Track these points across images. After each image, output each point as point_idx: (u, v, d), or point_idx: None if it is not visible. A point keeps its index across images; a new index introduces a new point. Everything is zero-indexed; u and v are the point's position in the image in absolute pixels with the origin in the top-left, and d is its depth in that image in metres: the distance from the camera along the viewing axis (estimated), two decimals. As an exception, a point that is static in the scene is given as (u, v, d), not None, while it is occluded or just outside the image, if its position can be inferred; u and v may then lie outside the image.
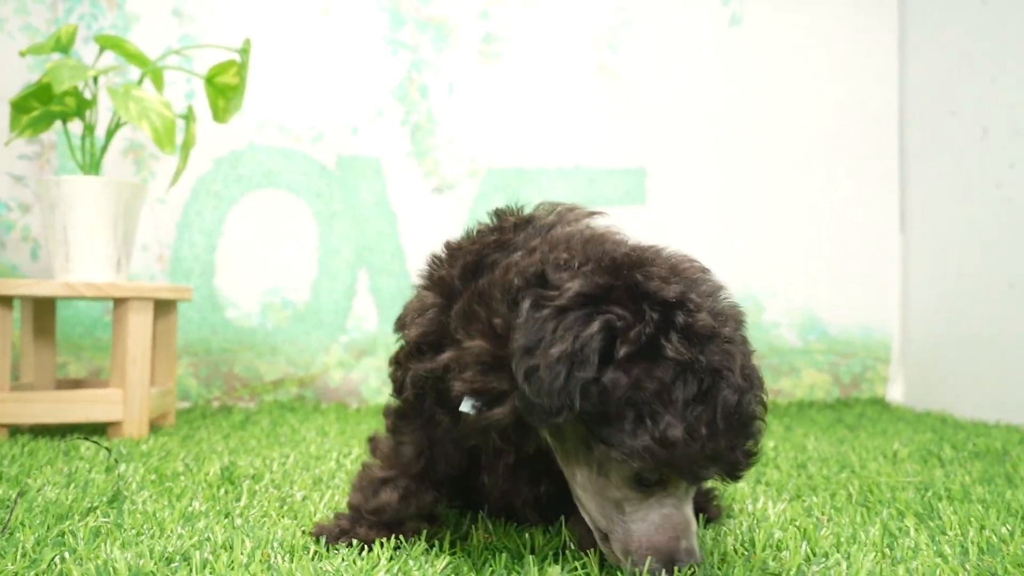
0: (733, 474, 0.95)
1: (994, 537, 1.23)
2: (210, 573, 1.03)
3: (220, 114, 2.42)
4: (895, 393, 3.25)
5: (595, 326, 0.89)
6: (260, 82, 2.93)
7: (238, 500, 1.45)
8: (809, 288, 3.20)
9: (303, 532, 1.23)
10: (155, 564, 1.05)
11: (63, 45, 2.35)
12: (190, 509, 1.37)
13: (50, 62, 2.33)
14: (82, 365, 2.81)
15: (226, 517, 1.33)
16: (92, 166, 2.38)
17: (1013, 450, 2.06)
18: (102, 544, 1.14)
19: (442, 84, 3.07)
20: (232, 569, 1.04)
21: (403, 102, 3.05)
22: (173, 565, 1.06)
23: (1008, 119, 2.76)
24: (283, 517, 1.34)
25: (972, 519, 1.34)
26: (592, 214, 1.15)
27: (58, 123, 2.38)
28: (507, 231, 1.11)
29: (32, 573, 1.02)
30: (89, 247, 2.29)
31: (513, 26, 3.10)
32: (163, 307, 2.47)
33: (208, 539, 1.17)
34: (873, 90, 3.24)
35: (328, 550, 1.14)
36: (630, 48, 3.15)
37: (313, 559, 1.10)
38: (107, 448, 1.86)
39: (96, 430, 2.28)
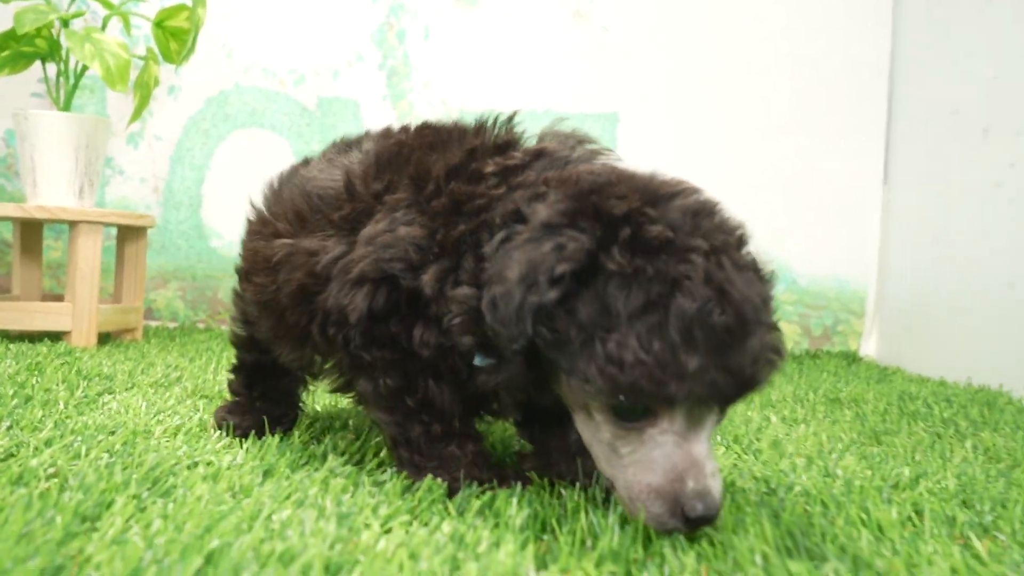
0: (721, 398, 0.85)
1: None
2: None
3: (172, 56, 2.63)
4: (868, 348, 3.19)
5: (546, 248, 0.85)
6: (246, 27, 3.13)
7: (72, 393, 1.65)
8: (779, 238, 3.16)
9: (56, 420, 1.42)
10: None
11: (42, -9, 2.60)
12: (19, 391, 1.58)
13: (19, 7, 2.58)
14: (82, 284, 3.12)
15: (27, 401, 1.54)
16: (65, 103, 2.63)
17: (909, 405, 2.05)
18: None
19: (419, 29, 3.19)
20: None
21: (381, 47, 3.19)
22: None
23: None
24: (71, 407, 1.54)
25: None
26: (603, 152, 1.09)
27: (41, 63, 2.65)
28: (513, 170, 1.01)
29: None
30: (53, 175, 2.56)
31: (490, -28, 3.18)
32: (131, 233, 2.72)
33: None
34: (864, 39, 3.15)
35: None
36: (606, -7, 3.17)
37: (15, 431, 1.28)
38: None
39: (53, 338, 2.56)
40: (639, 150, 3.16)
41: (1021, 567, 0.87)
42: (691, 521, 0.85)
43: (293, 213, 1.16)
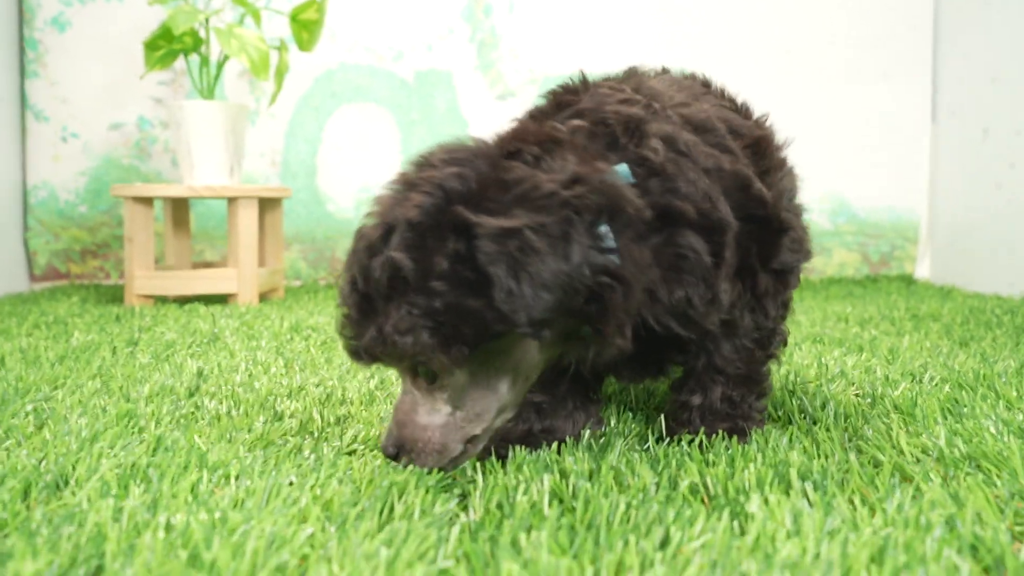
0: (367, 356, 0.95)
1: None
2: (248, 377, 1.60)
3: (304, 44, 2.96)
4: (923, 270, 3.55)
5: None
6: (348, 10, 3.45)
7: (291, 342, 2.03)
8: (839, 176, 3.51)
9: (326, 361, 1.79)
10: (217, 371, 1.63)
11: (181, -7, 2.92)
12: (257, 345, 1.95)
13: (171, 8, 2.90)
14: (216, 251, 3.48)
15: (278, 350, 1.91)
16: (208, 91, 2.97)
17: (960, 315, 2.41)
18: (187, 361, 1.74)
19: (504, 3, 3.50)
20: (264, 375, 1.61)
21: (470, 21, 3.50)
22: (226, 373, 1.64)
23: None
24: (318, 350, 1.91)
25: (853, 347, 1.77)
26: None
27: (183, 56, 2.98)
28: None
29: (142, 374, 1.62)
30: (208, 157, 2.90)
31: (565, -53, 3.48)
32: (269, 204, 3.08)
33: (258, 360, 1.75)
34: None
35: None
36: (674, -39, 3.48)
37: (320, 370, 1.65)
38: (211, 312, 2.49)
39: (219, 300, 2.93)
40: (708, 103, 3.48)
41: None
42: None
43: None
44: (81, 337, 2.04)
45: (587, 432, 1.17)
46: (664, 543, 0.81)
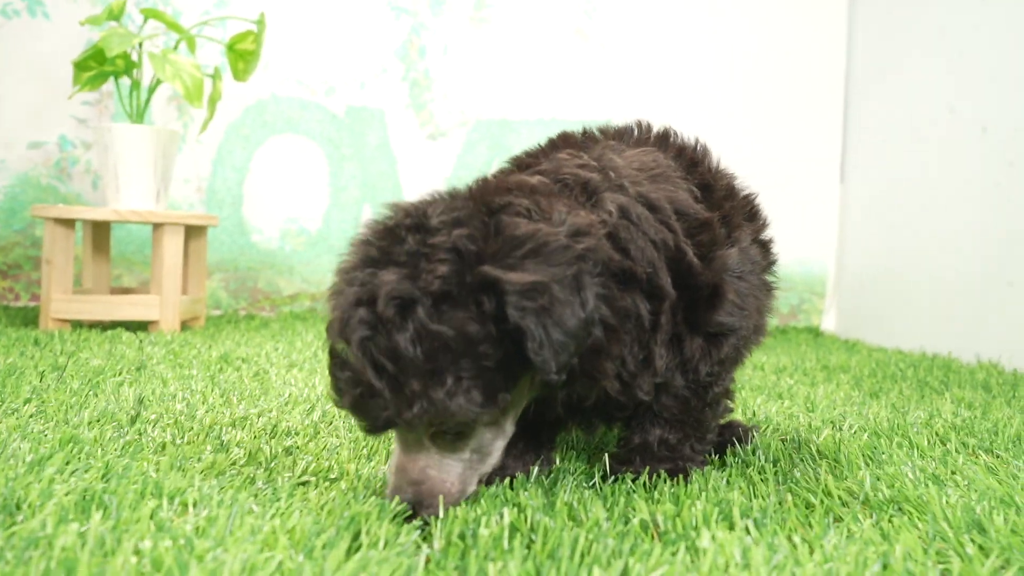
0: (406, 426, 0.95)
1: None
2: (187, 407, 1.59)
3: (239, 74, 2.96)
4: (828, 323, 3.71)
5: None
6: (283, 42, 3.46)
7: (224, 372, 2.01)
8: (754, 230, 3.65)
9: (262, 392, 1.79)
10: (155, 399, 1.62)
11: (115, 15, 2.89)
12: (189, 374, 1.94)
13: (104, 30, 2.88)
14: (133, 276, 3.42)
15: (212, 379, 1.90)
16: (138, 115, 2.94)
17: (865, 367, 2.54)
18: (121, 387, 1.72)
19: (438, 45, 3.56)
20: (202, 405, 1.60)
21: (404, 61, 3.55)
22: (164, 401, 1.62)
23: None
24: (252, 381, 1.91)
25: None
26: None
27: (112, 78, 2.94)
28: None
29: (74, 399, 1.59)
30: (134, 181, 2.87)
31: (500, -5, 3.57)
32: (195, 231, 3.05)
33: (193, 389, 1.74)
34: (820, 50, 3.65)
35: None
36: (603, 14, 3.60)
37: (258, 401, 1.66)
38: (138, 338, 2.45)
39: (139, 327, 2.88)
40: (632, 153, 3.60)
41: (1022, 471, 1.32)
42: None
43: None
44: (0, 360, 1.99)
45: (535, 469, 1.21)
46: (624, 574, 0.85)
